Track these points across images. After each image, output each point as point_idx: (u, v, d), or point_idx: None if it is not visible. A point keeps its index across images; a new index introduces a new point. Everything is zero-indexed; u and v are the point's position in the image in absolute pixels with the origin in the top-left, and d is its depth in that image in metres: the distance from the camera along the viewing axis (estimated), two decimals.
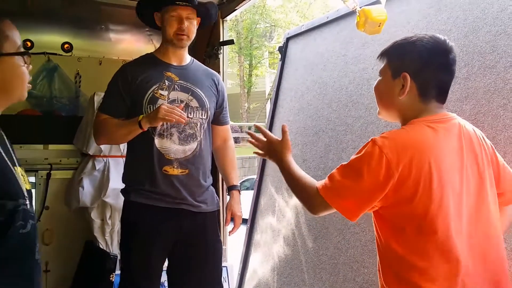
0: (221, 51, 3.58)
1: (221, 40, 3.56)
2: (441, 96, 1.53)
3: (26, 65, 1.40)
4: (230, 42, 3.58)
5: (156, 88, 2.33)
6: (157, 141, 2.32)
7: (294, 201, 2.94)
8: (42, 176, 3.51)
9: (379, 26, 2.04)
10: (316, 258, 2.72)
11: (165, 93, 2.34)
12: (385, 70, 1.57)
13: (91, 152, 3.40)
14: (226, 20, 3.58)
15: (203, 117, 2.41)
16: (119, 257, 3.34)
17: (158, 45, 4.29)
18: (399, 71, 1.50)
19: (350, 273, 2.45)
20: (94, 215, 3.39)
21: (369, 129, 2.53)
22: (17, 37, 1.39)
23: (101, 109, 2.44)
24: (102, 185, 3.36)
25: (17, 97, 1.40)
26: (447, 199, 1.38)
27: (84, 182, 3.35)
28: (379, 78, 1.60)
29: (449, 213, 1.38)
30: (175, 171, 2.33)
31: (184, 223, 2.38)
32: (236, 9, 3.40)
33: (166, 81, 2.36)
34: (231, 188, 2.61)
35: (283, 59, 3.60)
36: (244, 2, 3.20)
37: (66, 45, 3.92)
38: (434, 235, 1.36)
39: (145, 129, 2.24)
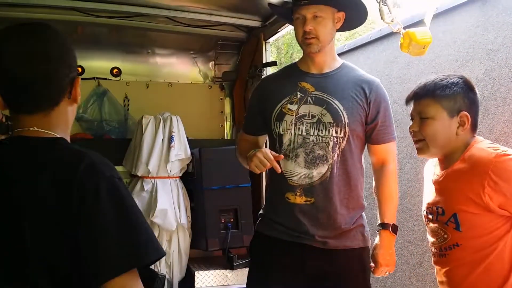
0: (264, 72, 3.63)
1: (264, 61, 3.61)
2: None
3: None
4: (273, 63, 3.63)
5: (285, 102, 2.01)
6: (282, 162, 1.97)
7: None
8: None
9: (423, 48, 2.04)
10: None
11: (294, 107, 1.99)
12: (437, 110, 1.67)
13: (139, 174, 3.50)
14: (269, 42, 3.63)
15: (339, 135, 1.95)
16: (167, 276, 3.42)
17: (202, 68, 4.48)
18: (457, 110, 1.66)
19: None
20: None
21: (415, 150, 2.50)
22: None
23: (242, 126, 2.25)
24: (150, 205, 3.44)
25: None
26: None
27: None
28: (430, 118, 1.68)
29: None
30: (297, 199, 1.97)
31: (307, 260, 1.99)
32: (278, 31, 3.45)
33: (298, 93, 2.01)
34: (379, 226, 2.04)
35: None
36: (285, 25, 3.24)
37: (115, 70, 4.07)
38: None
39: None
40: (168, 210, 3.42)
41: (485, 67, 2.20)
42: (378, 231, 2.01)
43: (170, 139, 3.51)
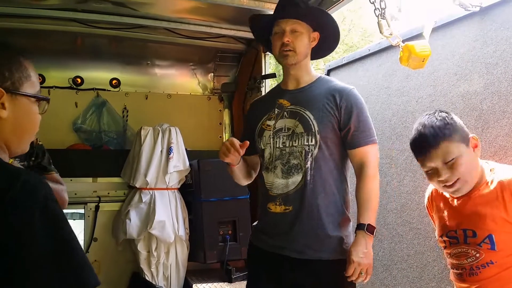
0: (263, 84, 3.64)
1: (263, 73, 3.62)
2: None
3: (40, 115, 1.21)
4: (272, 75, 3.64)
5: (265, 119, 2.14)
6: (264, 175, 2.11)
7: None
8: (91, 209, 3.63)
9: (422, 61, 2.04)
10: None
11: (271, 122, 2.11)
12: (457, 147, 1.70)
13: (137, 185, 3.49)
14: (268, 54, 3.65)
15: (310, 143, 2.02)
16: None
17: (202, 79, 4.49)
18: (467, 137, 1.74)
19: None
20: (140, 247, 3.45)
21: (414, 163, 2.49)
22: (37, 80, 1.20)
23: None
24: (148, 217, 3.43)
25: (22, 148, 1.18)
26: None
27: (131, 214, 3.44)
28: (456, 157, 1.69)
29: None
30: (277, 208, 2.04)
31: (282, 270, 2.03)
32: None
33: (276, 109, 2.13)
34: (356, 228, 2.02)
35: None
36: None
37: (114, 81, 4.09)
38: None
39: (233, 165, 2.10)
40: (166, 222, 3.40)
41: (484, 81, 2.20)
42: (355, 231, 2.00)
43: (169, 150, 3.51)
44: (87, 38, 3.66)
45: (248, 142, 2.01)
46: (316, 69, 15.14)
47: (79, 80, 3.96)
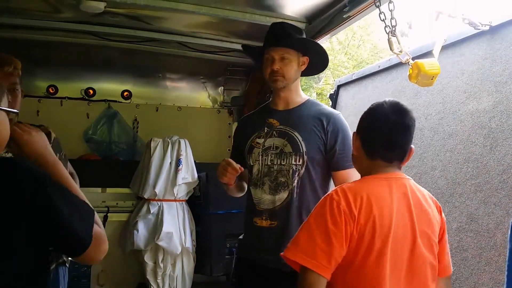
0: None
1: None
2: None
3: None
4: None
5: (254, 137, 2.23)
6: (252, 190, 2.22)
7: None
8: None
9: (432, 79, 2.06)
10: None
11: (261, 140, 2.21)
12: None
13: (146, 196, 3.51)
14: None
15: (298, 163, 2.13)
16: None
17: (212, 92, 4.52)
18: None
19: None
20: (147, 257, 3.47)
21: (422, 179, 2.50)
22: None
23: None
24: (156, 228, 3.45)
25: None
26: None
27: (139, 225, 3.46)
28: None
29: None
30: (263, 222, 2.16)
31: (268, 282, 2.13)
32: None
33: (266, 128, 2.22)
34: None
35: (334, 106, 3.64)
36: None
37: (125, 93, 4.14)
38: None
39: (230, 184, 2.21)
40: (174, 233, 3.42)
41: (493, 99, 2.21)
42: None
43: (178, 162, 3.54)
44: (100, 50, 3.72)
45: (243, 169, 2.14)
46: (326, 84, 15.17)
47: (91, 91, 4.01)
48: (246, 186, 2.36)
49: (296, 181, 2.13)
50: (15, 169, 1.14)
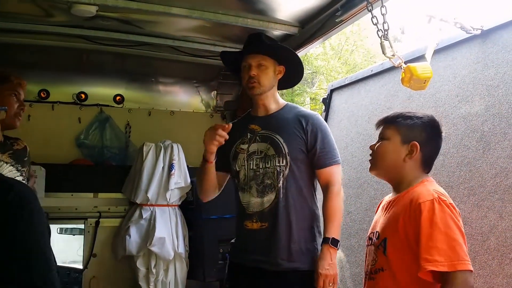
0: None
1: None
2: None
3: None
4: None
5: (238, 143, 2.32)
6: (240, 195, 2.29)
7: None
8: (91, 224, 3.62)
9: (424, 83, 2.06)
10: None
11: (245, 146, 2.30)
12: (392, 134, 1.77)
13: (138, 201, 3.49)
14: None
15: (282, 164, 2.21)
16: None
17: (205, 97, 4.51)
18: (410, 139, 1.74)
19: None
20: (139, 263, 3.44)
21: None
22: None
23: None
24: (148, 233, 3.42)
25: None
26: None
27: (131, 231, 3.43)
28: (385, 140, 1.78)
29: None
30: (254, 225, 2.22)
31: (261, 283, 2.19)
32: None
33: (248, 133, 2.32)
34: (322, 242, 2.20)
35: (327, 110, 3.64)
36: None
37: (118, 97, 4.09)
38: None
39: (210, 160, 2.25)
40: (166, 238, 3.39)
41: (485, 102, 2.22)
42: (321, 245, 2.19)
43: (171, 167, 3.52)
44: (92, 54, 3.69)
45: (231, 124, 2.22)
46: (319, 88, 15.20)
47: (83, 95, 3.98)
48: (218, 191, 2.44)
49: (281, 182, 2.21)
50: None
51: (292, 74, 2.41)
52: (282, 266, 2.16)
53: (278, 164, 2.22)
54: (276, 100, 2.37)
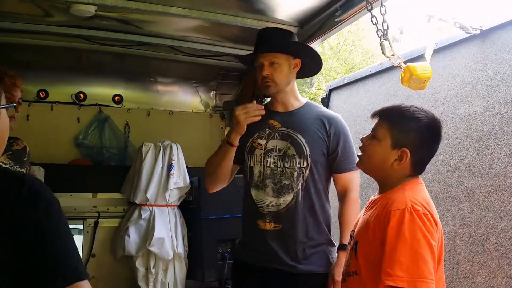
0: (265, 102, 3.65)
1: None
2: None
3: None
4: None
5: (255, 138, 2.23)
6: (253, 193, 2.20)
7: None
8: (90, 224, 3.61)
9: (424, 82, 2.06)
10: None
11: (263, 142, 2.21)
12: (384, 136, 1.65)
13: (137, 201, 3.48)
14: None
15: (302, 166, 2.15)
16: None
17: (204, 97, 4.51)
18: (401, 145, 1.61)
19: None
20: (138, 263, 3.43)
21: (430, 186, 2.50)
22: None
23: None
24: (147, 233, 3.42)
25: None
26: None
27: (130, 231, 3.42)
28: (375, 139, 1.67)
29: None
30: (267, 225, 2.15)
31: (273, 284, 2.15)
32: None
33: (267, 129, 2.22)
34: (338, 248, 2.20)
35: None
36: None
37: (117, 97, 4.09)
38: None
39: (235, 144, 2.14)
40: (165, 238, 3.39)
41: (484, 102, 2.22)
42: (337, 251, 2.17)
43: (170, 167, 3.52)
44: (91, 54, 3.69)
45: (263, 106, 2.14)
46: (318, 88, 15.20)
47: (82, 95, 3.97)
48: (229, 180, 2.32)
49: (300, 184, 2.14)
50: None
51: (310, 64, 2.30)
52: (298, 268, 2.13)
53: (299, 166, 2.15)
54: (296, 96, 2.28)
